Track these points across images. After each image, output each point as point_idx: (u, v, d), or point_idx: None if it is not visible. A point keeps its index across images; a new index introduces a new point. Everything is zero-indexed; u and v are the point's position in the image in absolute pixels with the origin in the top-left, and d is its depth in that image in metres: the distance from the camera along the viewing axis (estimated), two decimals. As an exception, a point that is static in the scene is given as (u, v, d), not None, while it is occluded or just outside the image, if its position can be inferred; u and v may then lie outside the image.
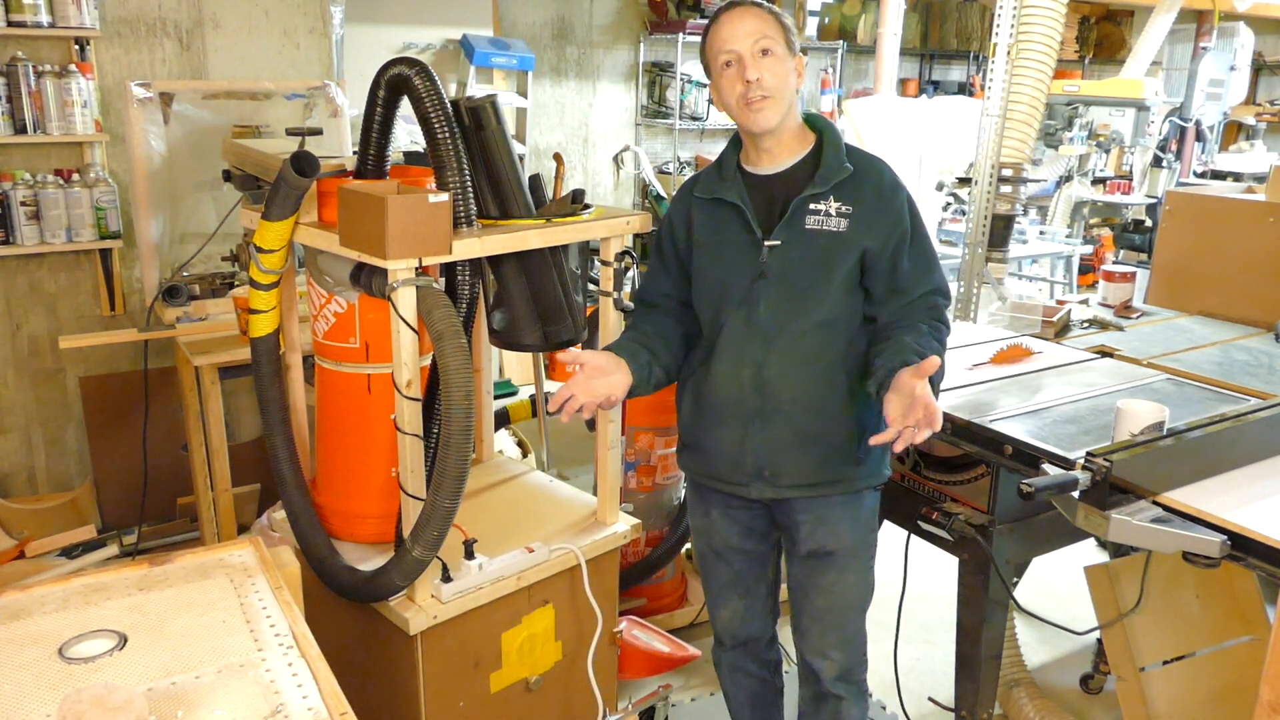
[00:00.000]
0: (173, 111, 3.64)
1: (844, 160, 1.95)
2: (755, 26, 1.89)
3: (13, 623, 1.43)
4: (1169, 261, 3.55)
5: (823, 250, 1.92)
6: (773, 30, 1.90)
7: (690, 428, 2.12)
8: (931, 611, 3.41)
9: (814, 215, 1.93)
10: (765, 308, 1.95)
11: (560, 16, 6.28)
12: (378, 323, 2.22)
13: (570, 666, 2.43)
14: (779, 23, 1.92)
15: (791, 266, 1.94)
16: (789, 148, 1.98)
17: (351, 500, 2.36)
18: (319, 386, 2.39)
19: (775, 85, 1.89)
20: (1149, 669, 2.54)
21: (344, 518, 2.36)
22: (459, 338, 1.96)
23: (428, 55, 5.68)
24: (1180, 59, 7.18)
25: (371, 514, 2.34)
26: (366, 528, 2.35)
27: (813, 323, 1.94)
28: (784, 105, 1.92)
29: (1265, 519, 1.71)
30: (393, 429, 2.10)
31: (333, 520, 2.35)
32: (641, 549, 3.24)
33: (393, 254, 1.91)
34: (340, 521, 2.35)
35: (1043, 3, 2.95)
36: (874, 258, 1.94)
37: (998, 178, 3.15)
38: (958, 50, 8.25)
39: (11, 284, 3.74)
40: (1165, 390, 2.44)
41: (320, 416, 2.41)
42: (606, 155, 6.68)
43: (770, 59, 1.89)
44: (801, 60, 1.96)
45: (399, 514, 2.17)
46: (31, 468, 3.93)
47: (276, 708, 1.26)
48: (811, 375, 1.96)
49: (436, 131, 2.04)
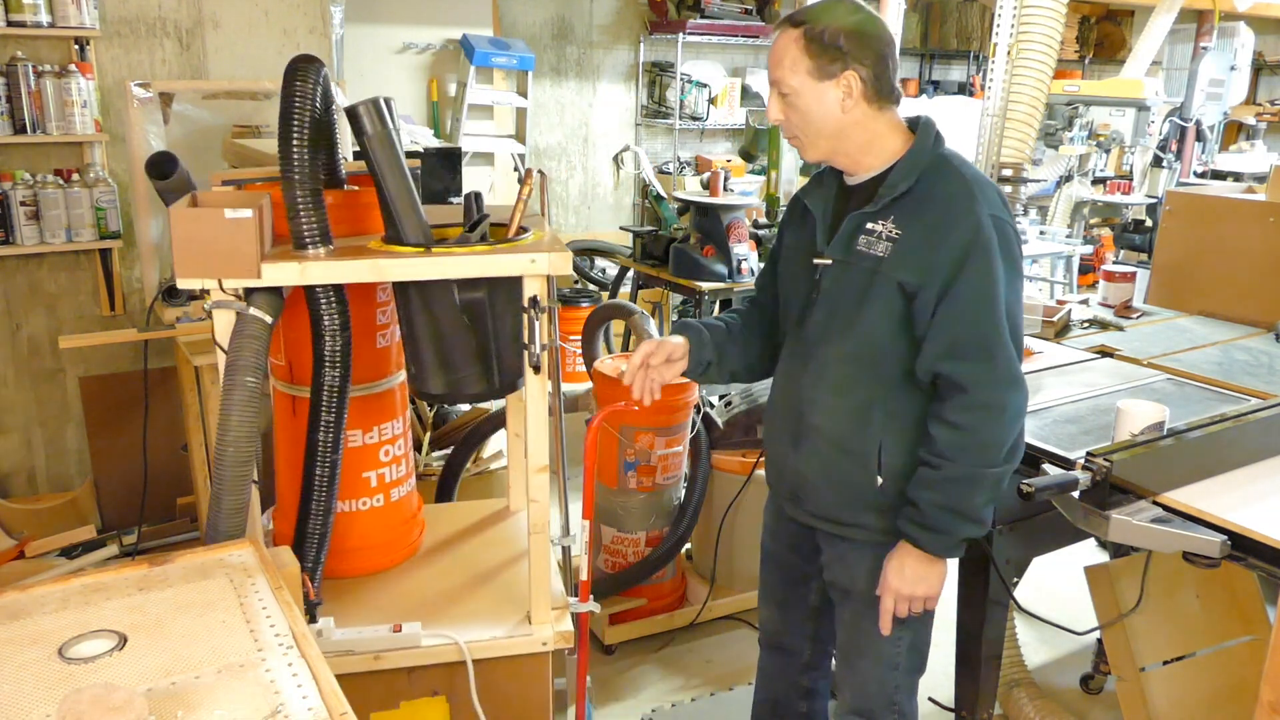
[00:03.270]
0: (173, 111, 3.64)
1: (910, 175, 1.75)
2: (774, 61, 1.75)
3: (12, 623, 1.43)
4: (1169, 261, 3.55)
5: (864, 275, 1.77)
6: (789, 63, 1.72)
7: (764, 427, 2.11)
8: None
9: (868, 235, 1.77)
10: (811, 327, 1.87)
11: (560, 16, 6.28)
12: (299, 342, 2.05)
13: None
14: (801, 49, 1.71)
15: (840, 287, 1.81)
16: (878, 155, 1.80)
17: (347, 536, 2.25)
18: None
19: (800, 125, 1.77)
20: (1149, 669, 2.54)
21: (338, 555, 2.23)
22: (246, 374, 1.76)
23: (428, 55, 5.68)
24: (1180, 59, 7.18)
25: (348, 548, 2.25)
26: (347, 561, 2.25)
27: (843, 352, 1.82)
28: (819, 139, 1.77)
29: (1265, 519, 1.71)
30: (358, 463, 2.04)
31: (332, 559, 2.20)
32: (641, 549, 3.24)
33: (181, 272, 1.75)
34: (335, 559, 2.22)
35: (1043, 3, 2.95)
36: (915, 297, 1.73)
37: (998, 178, 3.15)
38: (958, 50, 8.24)
39: (11, 284, 3.74)
40: (1165, 390, 2.44)
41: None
42: (606, 155, 6.68)
43: (791, 98, 1.75)
44: (849, 76, 1.71)
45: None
46: (31, 468, 3.93)
47: (276, 708, 1.26)
48: (840, 408, 1.85)
49: (281, 134, 1.82)
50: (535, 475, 1.96)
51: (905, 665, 2.00)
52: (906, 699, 2.05)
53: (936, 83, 8.38)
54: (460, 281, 1.95)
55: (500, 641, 2.03)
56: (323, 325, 1.97)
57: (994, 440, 1.73)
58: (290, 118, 1.83)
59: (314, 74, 1.84)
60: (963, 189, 1.73)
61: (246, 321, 1.81)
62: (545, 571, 2.02)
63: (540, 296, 1.87)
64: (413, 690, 2.03)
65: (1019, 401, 1.74)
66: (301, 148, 1.84)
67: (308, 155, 1.84)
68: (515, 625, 2.06)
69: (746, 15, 6.62)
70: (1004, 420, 1.73)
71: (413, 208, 1.93)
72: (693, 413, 3.20)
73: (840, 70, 1.70)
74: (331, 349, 1.98)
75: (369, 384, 2.24)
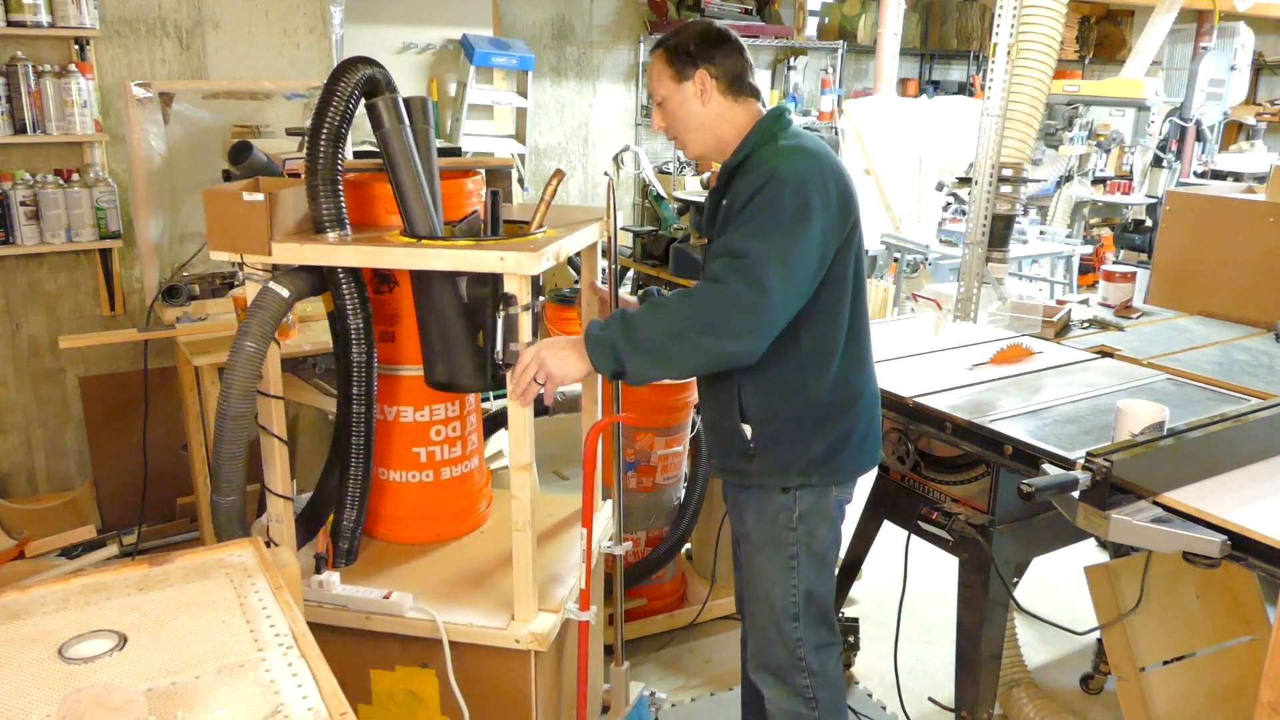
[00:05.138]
0: (173, 111, 3.65)
1: (741, 151, 1.98)
2: (651, 79, 2.04)
3: (12, 623, 1.43)
4: (1169, 261, 3.55)
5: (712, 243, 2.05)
6: (657, 75, 2.00)
7: None
8: (931, 611, 3.41)
9: (720, 211, 2.01)
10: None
11: (560, 16, 6.29)
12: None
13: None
14: (665, 61, 1.99)
15: (709, 261, 2.02)
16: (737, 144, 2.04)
17: (397, 504, 2.41)
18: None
19: (675, 126, 2.03)
20: (1149, 669, 2.54)
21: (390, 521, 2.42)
22: (249, 339, 1.93)
23: (428, 55, 5.69)
24: (1180, 59, 7.19)
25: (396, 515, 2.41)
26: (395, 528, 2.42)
27: None
28: (689, 134, 2.02)
29: (1265, 519, 1.71)
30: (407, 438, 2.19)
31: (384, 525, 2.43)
32: (641, 549, 3.24)
33: (210, 245, 2.02)
34: (388, 525, 2.42)
35: (1043, 3, 2.95)
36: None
37: (998, 178, 3.15)
38: (958, 50, 8.25)
39: (11, 284, 3.74)
40: (1165, 390, 2.44)
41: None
42: (606, 155, 6.68)
43: (665, 105, 2.01)
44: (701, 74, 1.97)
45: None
46: (31, 468, 3.93)
47: (276, 708, 1.26)
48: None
49: (312, 127, 1.99)
50: (516, 473, 2.00)
51: (805, 617, 2.09)
52: (815, 656, 2.11)
53: (936, 83, 8.38)
54: (467, 277, 2.04)
55: (476, 629, 2.05)
56: (342, 302, 2.10)
57: (705, 309, 1.82)
58: (323, 113, 1.97)
59: (352, 77, 1.98)
60: (771, 155, 1.91)
61: (264, 294, 1.98)
62: (527, 569, 2.02)
63: (518, 294, 1.90)
64: (406, 658, 2.12)
65: (751, 297, 1.81)
66: (327, 143, 1.98)
67: (330, 149, 1.98)
68: (504, 619, 2.08)
69: (746, 15, 6.63)
70: (727, 302, 1.82)
71: (421, 201, 2.03)
72: (692, 412, 3.20)
73: (693, 71, 1.97)
74: (355, 326, 2.11)
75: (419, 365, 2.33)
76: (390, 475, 2.37)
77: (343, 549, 2.26)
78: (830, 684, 2.15)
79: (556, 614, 2.10)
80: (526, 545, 2.01)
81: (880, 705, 2.98)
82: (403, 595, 2.09)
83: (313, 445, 3.69)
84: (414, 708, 2.15)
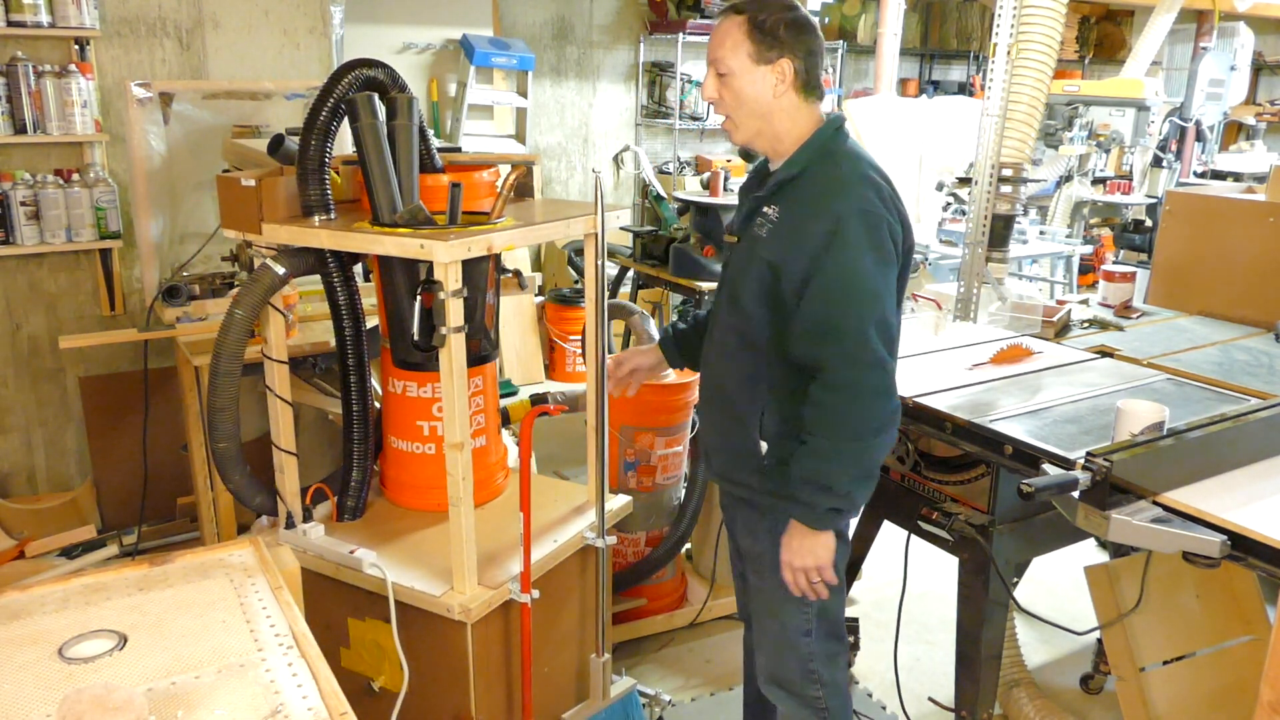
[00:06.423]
0: (173, 111, 3.65)
1: (796, 163, 1.88)
2: (716, 43, 1.87)
3: (12, 623, 1.43)
4: (1169, 261, 3.55)
5: (748, 253, 1.94)
6: (731, 45, 1.84)
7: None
8: (931, 611, 3.41)
9: (761, 218, 1.92)
10: (717, 298, 2.10)
11: (560, 16, 6.29)
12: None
13: (414, 706, 2.16)
14: (744, 34, 1.83)
15: (734, 263, 2.01)
16: (795, 144, 1.92)
17: (403, 471, 2.53)
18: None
19: (733, 105, 1.89)
20: (1149, 669, 2.54)
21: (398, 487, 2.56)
22: (241, 307, 2.16)
23: (428, 55, 5.69)
24: (1180, 59, 7.18)
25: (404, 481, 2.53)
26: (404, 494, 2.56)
27: (728, 322, 2.01)
28: (749, 119, 1.89)
29: (1265, 519, 1.71)
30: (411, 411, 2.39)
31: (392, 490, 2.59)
32: (641, 549, 3.24)
33: (223, 224, 2.25)
34: (396, 490, 2.57)
35: (1043, 3, 2.95)
36: (780, 278, 1.86)
37: (998, 178, 3.15)
38: (958, 50, 8.25)
39: (11, 284, 3.74)
40: (1165, 390, 2.44)
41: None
42: (606, 155, 6.69)
43: (728, 79, 1.86)
44: (784, 63, 1.84)
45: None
46: (31, 468, 3.93)
47: (276, 708, 1.26)
48: (728, 373, 2.03)
49: (307, 118, 2.17)
50: (450, 451, 2.08)
51: (818, 632, 2.09)
52: (826, 668, 2.12)
53: (936, 83, 8.38)
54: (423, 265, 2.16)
55: (416, 592, 2.16)
56: (329, 280, 2.32)
57: (851, 417, 1.81)
58: (317, 110, 2.15)
59: (348, 77, 2.16)
60: (834, 183, 1.85)
61: (260, 269, 2.19)
62: (461, 542, 2.12)
63: (445, 281, 1.97)
64: (373, 611, 2.24)
65: (876, 380, 1.81)
66: (317, 136, 2.14)
67: (319, 142, 2.15)
68: (443, 587, 2.18)
69: (746, 15, 6.62)
70: (861, 399, 1.80)
71: (386, 191, 2.16)
72: (693, 412, 3.20)
73: (777, 57, 1.84)
74: (340, 301, 2.34)
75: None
76: (400, 444, 2.51)
77: (347, 505, 2.44)
78: (840, 691, 2.15)
79: (495, 590, 2.18)
80: (459, 519, 2.10)
81: (880, 705, 2.98)
82: (366, 552, 2.21)
83: (313, 445, 3.69)
84: (379, 658, 2.29)
